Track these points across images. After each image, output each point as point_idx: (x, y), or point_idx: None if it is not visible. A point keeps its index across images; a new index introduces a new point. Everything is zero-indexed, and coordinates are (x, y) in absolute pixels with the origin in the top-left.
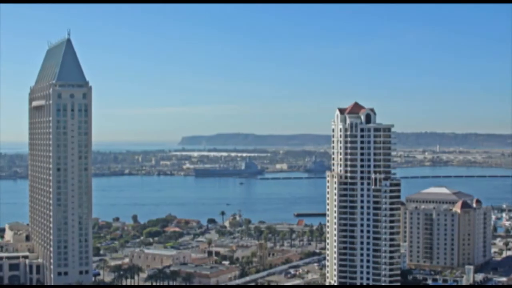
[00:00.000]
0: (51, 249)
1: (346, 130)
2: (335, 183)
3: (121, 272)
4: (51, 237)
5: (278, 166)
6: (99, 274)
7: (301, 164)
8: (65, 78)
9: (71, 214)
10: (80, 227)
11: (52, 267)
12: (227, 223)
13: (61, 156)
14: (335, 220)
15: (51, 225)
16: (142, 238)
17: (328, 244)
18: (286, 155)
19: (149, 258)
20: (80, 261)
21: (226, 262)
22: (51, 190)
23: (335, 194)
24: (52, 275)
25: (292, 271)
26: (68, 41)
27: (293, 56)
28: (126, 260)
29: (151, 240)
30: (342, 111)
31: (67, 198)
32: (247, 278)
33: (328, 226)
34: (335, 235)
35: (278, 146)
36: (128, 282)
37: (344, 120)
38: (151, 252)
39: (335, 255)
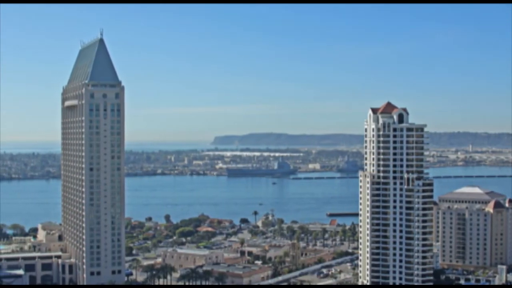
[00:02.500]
0: (84, 248)
1: (378, 130)
2: (367, 183)
3: (154, 272)
4: (84, 236)
5: (310, 166)
6: (131, 274)
7: (333, 164)
8: (97, 78)
9: (103, 214)
10: (113, 227)
11: (84, 267)
12: (259, 223)
13: (93, 156)
14: (368, 220)
15: (83, 224)
16: (174, 238)
17: (360, 244)
18: (319, 155)
19: (182, 258)
20: (112, 260)
21: (259, 262)
22: (83, 190)
23: (367, 194)
24: (84, 275)
25: (324, 271)
26: (101, 40)
27: (326, 55)
28: (159, 260)
29: (183, 240)
30: (374, 111)
31: (99, 197)
32: (280, 278)
33: (360, 226)
34: (367, 234)
35: (311, 146)
36: (161, 282)
37: (376, 120)
38: (183, 252)
39: (368, 255)
